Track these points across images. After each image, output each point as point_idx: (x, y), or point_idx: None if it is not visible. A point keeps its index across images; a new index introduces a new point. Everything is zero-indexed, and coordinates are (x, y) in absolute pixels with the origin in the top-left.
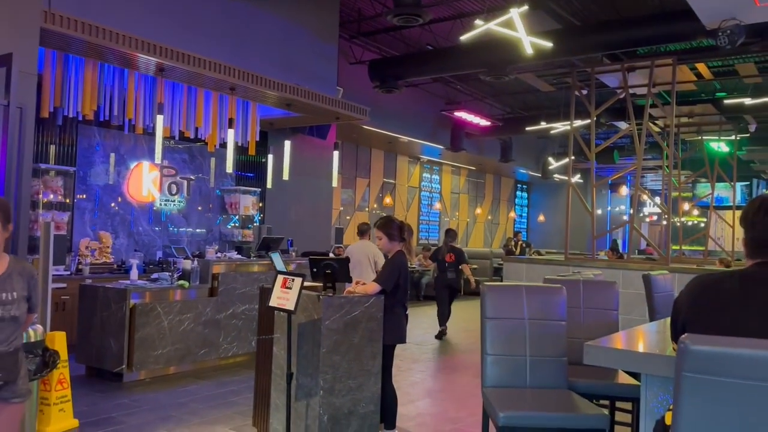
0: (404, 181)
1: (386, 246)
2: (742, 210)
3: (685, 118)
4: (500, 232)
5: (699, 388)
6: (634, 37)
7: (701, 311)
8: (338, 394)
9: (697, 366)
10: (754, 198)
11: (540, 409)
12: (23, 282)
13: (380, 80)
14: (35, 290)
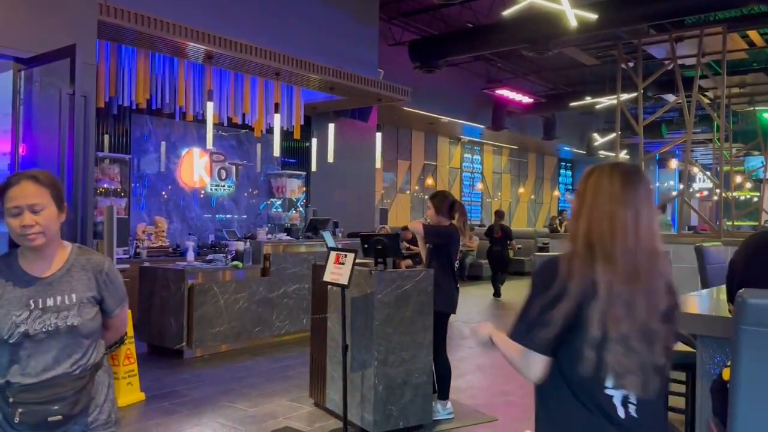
0: (445, 162)
1: (433, 218)
2: None
3: (737, 89)
4: (544, 212)
5: (757, 341)
6: (683, 6)
7: (757, 268)
8: (392, 365)
9: (754, 319)
10: None
11: None
12: (88, 279)
13: (420, 61)
14: (109, 287)
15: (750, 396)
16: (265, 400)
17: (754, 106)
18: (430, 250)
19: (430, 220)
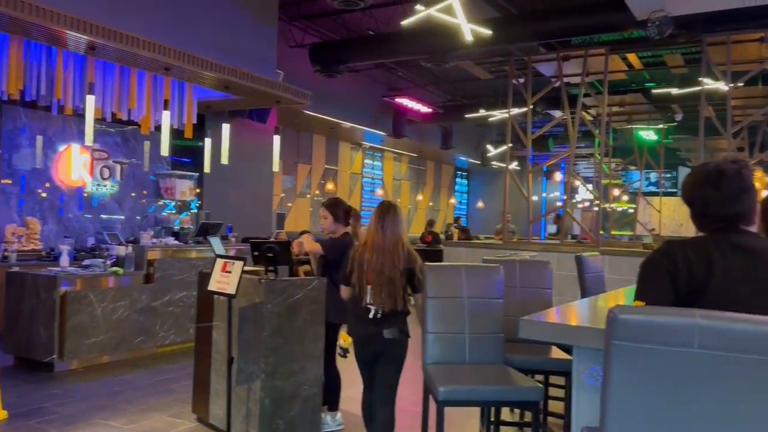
0: (346, 167)
1: (330, 226)
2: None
3: (616, 107)
4: (441, 219)
5: (627, 356)
6: (569, 27)
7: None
8: (280, 377)
9: (626, 334)
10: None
11: (478, 383)
12: None
13: (321, 64)
14: None
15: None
16: (143, 417)
17: (632, 124)
18: (325, 263)
19: (325, 228)
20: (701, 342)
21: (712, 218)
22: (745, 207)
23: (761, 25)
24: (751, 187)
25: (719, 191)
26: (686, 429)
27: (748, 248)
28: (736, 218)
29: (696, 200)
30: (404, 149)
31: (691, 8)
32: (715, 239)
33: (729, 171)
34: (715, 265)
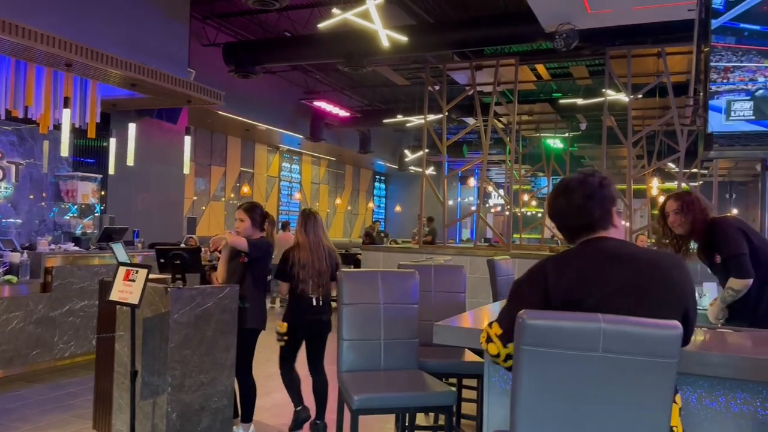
0: (263, 170)
1: (247, 230)
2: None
3: (526, 116)
4: (359, 223)
5: (535, 361)
6: (481, 37)
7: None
8: (188, 390)
9: (533, 339)
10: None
11: (392, 390)
12: None
13: (236, 64)
14: None
15: (529, 412)
16: None
17: (540, 132)
18: (244, 265)
19: (241, 232)
20: (605, 346)
21: (569, 229)
22: (593, 215)
23: (658, 40)
24: (595, 194)
25: (568, 202)
26: (592, 430)
27: (616, 255)
28: (590, 226)
29: (553, 214)
30: (323, 153)
31: (596, 22)
32: (584, 249)
33: (573, 182)
34: (586, 275)
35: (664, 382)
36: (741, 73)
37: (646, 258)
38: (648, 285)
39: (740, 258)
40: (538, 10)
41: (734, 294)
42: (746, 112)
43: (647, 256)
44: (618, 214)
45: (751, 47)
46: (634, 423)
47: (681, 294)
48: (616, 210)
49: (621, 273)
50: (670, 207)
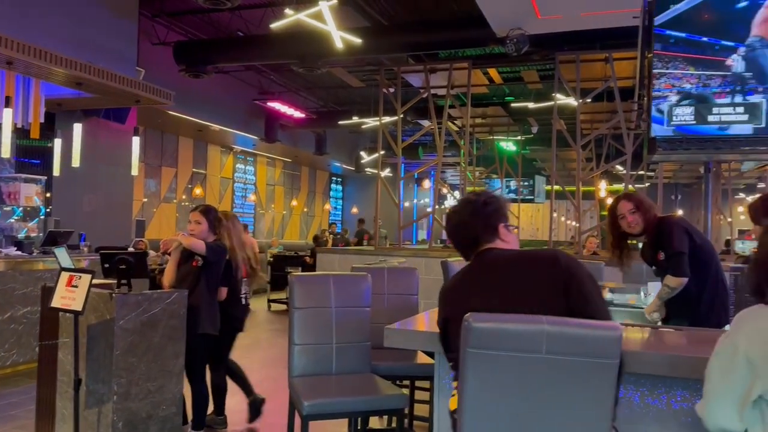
0: (216, 171)
1: (204, 233)
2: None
3: (479, 119)
4: (315, 224)
5: (481, 363)
6: (435, 40)
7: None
8: (135, 399)
9: (477, 342)
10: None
11: (343, 394)
12: None
13: (186, 64)
14: None
15: (475, 413)
16: None
17: (494, 135)
18: (198, 269)
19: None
20: (548, 348)
21: (461, 246)
22: (477, 230)
23: (606, 46)
24: (478, 212)
25: (456, 222)
26: (536, 430)
27: (493, 262)
28: (476, 241)
29: (448, 235)
30: (278, 154)
31: (546, 28)
32: (470, 264)
33: (460, 204)
34: (469, 286)
35: (606, 382)
36: (667, 80)
37: (521, 260)
38: (524, 284)
39: (680, 256)
40: (489, 15)
41: (670, 291)
42: (687, 117)
43: (523, 258)
44: (507, 228)
45: (677, 54)
46: (577, 423)
47: (561, 284)
48: (503, 225)
49: (498, 277)
50: (625, 208)
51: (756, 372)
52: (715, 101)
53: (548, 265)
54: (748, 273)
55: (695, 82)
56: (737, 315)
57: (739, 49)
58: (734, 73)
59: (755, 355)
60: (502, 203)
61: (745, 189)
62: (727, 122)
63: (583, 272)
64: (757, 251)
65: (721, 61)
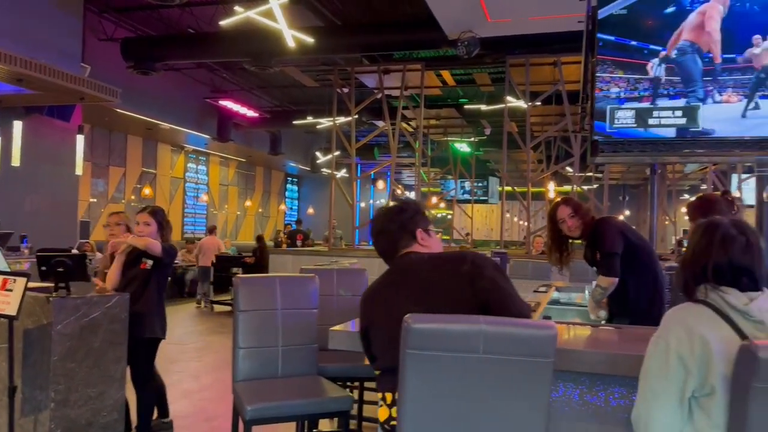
0: (167, 171)
1: (152, 234)
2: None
3: (434, 120)
4: (271, 225)
5: (420, 364)
6: (388, 42)
7: None
8: (74, 405)
9: (417, 343)
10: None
11: (287, 398)
12: None
13: (134, 61)
14: None
15: (415, 413)
16: None
17: (448, 136)
18: (147, 272)
19: (145, 237)
20: (486, 347)
21: (381, 254)
22: (394, 236)
23: (555, 50)
24: (394, 219)
25: (375, 229)
26: (474, 429)
27: (405, 266)
28: (394, 247)
29: (374, 244)
30: (231, 154)
31: (496, 31)
32: (388, 271)
33: (379, 212)
34: (389, 291)
35: (541, 380)
36: (597, 83)
37: (433, 261)
38: (435, 284)
39: (613, 257)
40: (440, 18)
41: (602, 291)
42: (629, 120)
43: (434, 259)
44: (426, 232)
45: (605, 57)
46: (514, 421)
47: (469, 280)
48: (421, 230)
49: (412, 280)
50: (564, 212)
51: (688, 369)
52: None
53: (457, 264)
54: (677, 272)
55: (624, 86)
56: (666, 314)
57: (662, 53)
58: (656, 77)
59: (685, 353)
60: (419, 209)
61: (689, 190)
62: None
63: (491, 267)
64: (685, 250)
65: (645, 65)
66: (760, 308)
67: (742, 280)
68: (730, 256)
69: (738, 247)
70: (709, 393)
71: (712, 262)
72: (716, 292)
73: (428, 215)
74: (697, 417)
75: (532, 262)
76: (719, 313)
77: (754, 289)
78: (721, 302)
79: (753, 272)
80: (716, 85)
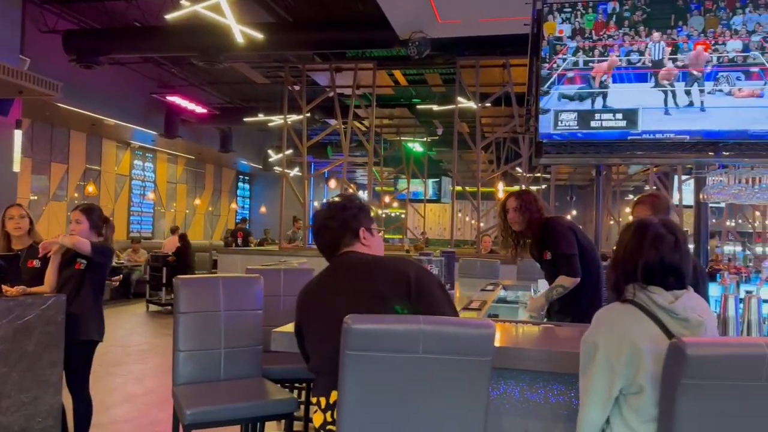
0: (112, 168)
1: (85, 233)
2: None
3: (387, 120)
4: (221, 224)
5: (360, 364)
6: (340, 40)
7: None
8: (6, 412)
9: (356, 344)
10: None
11: (228, 401)
12: None
13: (77, 53)
14: None
15: (354, 416)
16: None
17: (401, 136)
18: (81, 272)
19: (79, 235)
20: (425, 347)
21: (321, 249)
22: (335, 234)
23: (504, 52)
24: (336, 215)
25: (316, 225)
26: (414, 429)
27: (343, 265)
28: (335, 244)
29: (314, 239)
30: (180, 150)
31: (446, 32)
32: (327, 268)
33: (322, 206)
34: (325, 290)
35: (480, 378)
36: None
37: (372, 265)
38: (371, 288)
39: (572, 258)
40: (391, 18)
41: (563, 291)
42: (571, 122)
43: (375, 263)
44: (369, 231)
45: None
46: (454, 420)
47: (406, 288)
48: (364, 229)
49: (348, 281)
50: (510, 204)
51: (614, 370)
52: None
53: (396, 271)
54: (608, 271)
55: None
56: (596, 315)
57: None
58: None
59: (612, 354)
60: (363, 206)
61: (633, 191)
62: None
63: (430, 279)
64: (616, 249)
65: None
66: (685, 306)
67: (668, 279)
68: (661, 255)
69: (668, 245)
70: (637, 391)
71: (643, 261)
72: (644, 291)
73: (373, 213)
74: (626, 413)
75: (480, 261)
76: (646, 312)
77: (680, 288)
78: (648, 301)
79: (680, 270)
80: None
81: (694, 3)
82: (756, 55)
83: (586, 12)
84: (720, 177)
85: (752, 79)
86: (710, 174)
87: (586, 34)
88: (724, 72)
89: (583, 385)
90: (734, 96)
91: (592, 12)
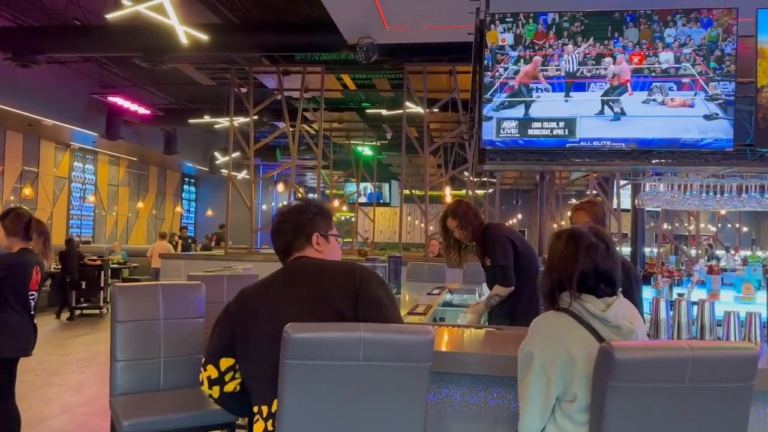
0: (50, 170)
1: (3, 241)
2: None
3: (336, 123)
4: (166, 228)
5: (300, 374)
6: (287, 43)
7: None
8: None
9: (296, 353)
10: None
11: (168, 411)
12: None
13: (13, 52)
14: None
15: (294, 425)
16: None
17: (350, 140)
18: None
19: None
20: (366, 354)
21: (277, 251)
22: (288, 237)
23: (452, 59)
24: (290, 219)
25: (273, 228)
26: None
27: (293, 270)
28: (288, 248)
29: (272, 240)
30: (122, 152)
31: (394, 38)
32: (277, 272)
33: (280, 209)
34: (272, 294)
35: (419, 384)
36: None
37: (321, 270)
38: (319, 293)
39: (507, 269)
40: (339, 22)
41: (499, 299)
42: (513, 129)
43: (323, 268)
44: (324, 237)
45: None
46: (393, 426)
47: (353, 294)
48: (319, 235)
49: (296, 286)
50: (451, 225)
51: (549, 378)
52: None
53: (344, 279)
54: (542, 279)
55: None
56: (532, 323)
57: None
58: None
59: (548, 362)
60: (321, 210)
61: (575, 195)
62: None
63: (377, 283)
64: (549, 257)
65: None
66: (617, 314)
67: (600, 286)
68: (596, 262)
69: (601, 253)
70: (571, 399)
71: (579, 269)
72: (578, 301)
73: (333, 218)
74: (560, 419)
75: (428, 265)
76: (580, 320)
77: (611, 293)
78: (582, 310)
79: (612, 276)
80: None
81: (629, 15)
82: (687, 67)
83: (527, 22)
84: (654, 183)
85: (683, 89)
86: (646, 180)
87: (527, 44)
88: (657, 82)
89: (521, 394)
90: (667, 105)
91: (533, 22)
